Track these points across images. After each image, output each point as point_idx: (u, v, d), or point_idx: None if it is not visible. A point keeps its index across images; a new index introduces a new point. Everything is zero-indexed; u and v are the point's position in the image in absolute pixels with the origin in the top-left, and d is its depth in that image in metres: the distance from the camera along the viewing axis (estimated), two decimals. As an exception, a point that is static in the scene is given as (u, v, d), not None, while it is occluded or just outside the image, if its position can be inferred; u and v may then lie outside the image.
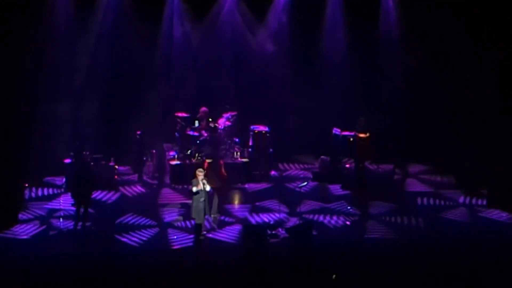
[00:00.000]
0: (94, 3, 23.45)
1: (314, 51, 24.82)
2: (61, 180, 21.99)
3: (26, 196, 20.83)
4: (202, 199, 17.82)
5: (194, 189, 17.78)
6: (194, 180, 17.97)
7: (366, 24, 24.05)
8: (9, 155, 19.04)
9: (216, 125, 23.35)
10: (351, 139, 22.72)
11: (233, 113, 23.78)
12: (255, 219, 19.81)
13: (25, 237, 18.30)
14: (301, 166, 24.49)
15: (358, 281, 15.82)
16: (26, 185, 21.15)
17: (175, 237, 18.45)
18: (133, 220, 19.56)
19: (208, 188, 17.93)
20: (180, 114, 23.52)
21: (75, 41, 23.33)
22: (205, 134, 22.95)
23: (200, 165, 20.70)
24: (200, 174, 17.96)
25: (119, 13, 23.68)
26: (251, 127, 23.22)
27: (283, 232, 18.49)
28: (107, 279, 15.84)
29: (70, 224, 19.06)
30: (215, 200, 19.41)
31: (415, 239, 18.68)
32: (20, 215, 19.38)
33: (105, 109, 23.68)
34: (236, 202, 21.34)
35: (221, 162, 21.78)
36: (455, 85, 23.00)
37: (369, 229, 19.19)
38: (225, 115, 23.70)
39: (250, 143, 23.25)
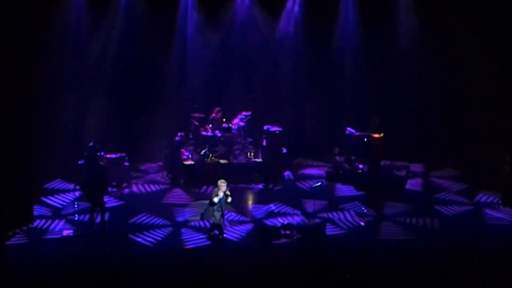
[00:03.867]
0: (109, 3, 23.53)
1: (328, 50, 24.80)
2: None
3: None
4: (220, 211, 17.68)
5: (216, 199, 17.53)
6: (215, 189, 17.74)
7: (381, 23, 23.98)
8: (26, 156, 19.14)
9: (230, 125, 23.38)
10: (365, 139, 22.64)
11: (247, 113, 23.80)
12: (269, 219, 19.84)
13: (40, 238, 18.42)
14: (315, 166, 24.52)
15: (371, 281, 15.82)
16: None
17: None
18: (147, 220, 19.63)
19: (229, 199, 17.68)
20: (194, 115, 23.57)
21: (91, 41, 23.42)
22: (219, 134, 22.98)
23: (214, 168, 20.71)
24: (222, 185, 17.66)
25: (134, 12, 23.75)
26: (265, 127, 23.19)
27: (296, 232, 18.50)
28: (121, 280, 15.93)
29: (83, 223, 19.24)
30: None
31: (429, 239, 18.61)
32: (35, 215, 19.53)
33: (120, 109, 23.77)
34: (250, 202, 21.36)
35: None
36: (469, 85, 22.95)
37: (383, 230, 19.14)
38: (239, 116, 23.73)
39: (264, 143, 23.22)
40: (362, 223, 19.50)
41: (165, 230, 18.98)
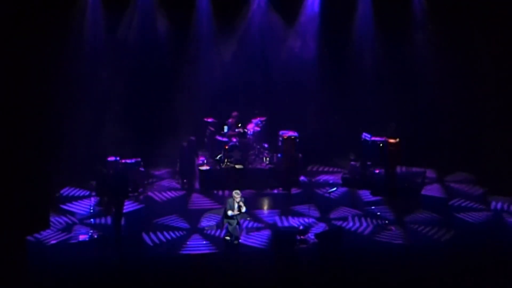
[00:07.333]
0: (125, 7, 23.60)
1: (344, 55, 24.72)
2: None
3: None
4: (235, 222, 17.68)
5: (230, 213, 17.54)
6: (230, 200, 17.75)
7: (397, 27, 23.89)
8: (42, 160, 19.16)
9: (245, 130, 23.36)
10: (381, 144, 22.55)
11: (262, 118, 23.77)
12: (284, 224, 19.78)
13: (54, 242, 18.47)
14: (330, 172, 24.47)
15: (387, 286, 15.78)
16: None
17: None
18: (161, 225, 19.62)
19: (244, 209, 17.70)
20: (209, 120, 23.57)
21: (106, 47, 23.49)
22: (234, 140, 22.96)
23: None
24: (237, 196, 17.67)
25: (149, 16, 23.80)
26: (280, 132, 23.15)
27: (313, 237, 18.44)
28: (134, 285, 15.95)
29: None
30: None
31: (449, 245, 18.51)
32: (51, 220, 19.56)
33: (135, 114, 23.79)
34: (265, 207, 21.31)
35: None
36: (488, 89, 22.83)
37: (401, 235, 19.05)
38: (254, 121, 23.71)
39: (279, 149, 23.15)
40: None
41: (178, 234, 18.98)
